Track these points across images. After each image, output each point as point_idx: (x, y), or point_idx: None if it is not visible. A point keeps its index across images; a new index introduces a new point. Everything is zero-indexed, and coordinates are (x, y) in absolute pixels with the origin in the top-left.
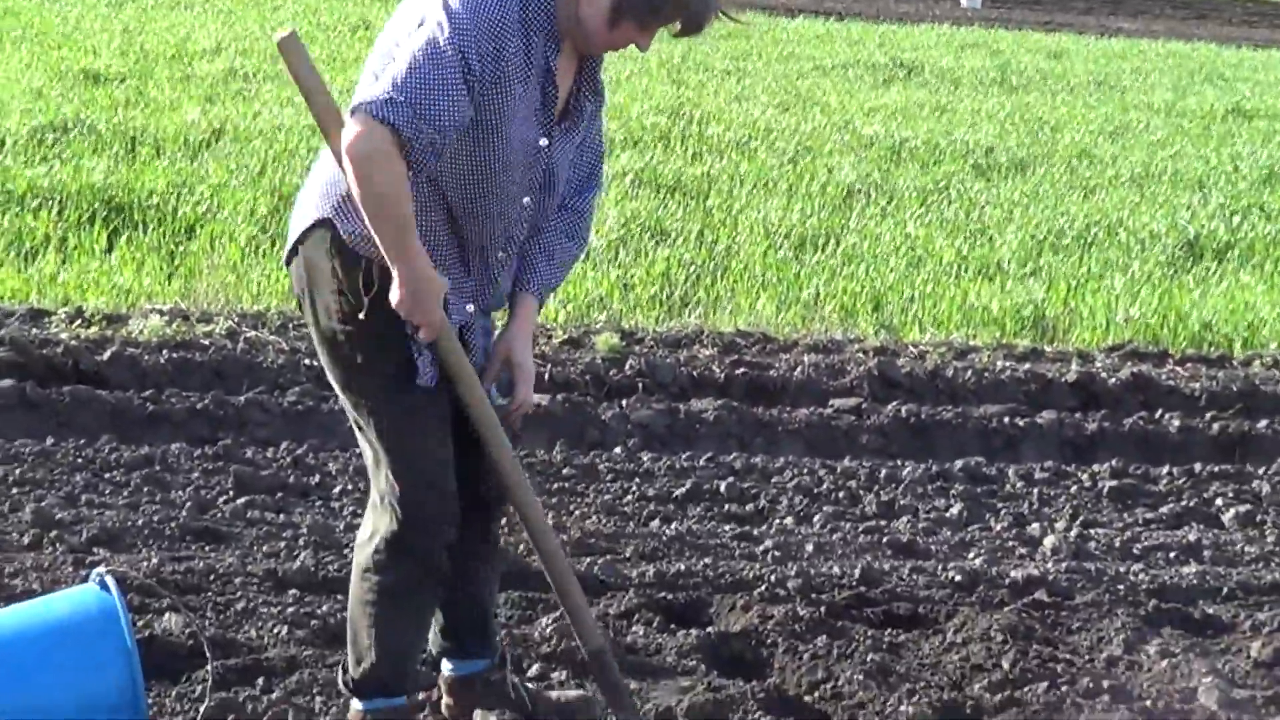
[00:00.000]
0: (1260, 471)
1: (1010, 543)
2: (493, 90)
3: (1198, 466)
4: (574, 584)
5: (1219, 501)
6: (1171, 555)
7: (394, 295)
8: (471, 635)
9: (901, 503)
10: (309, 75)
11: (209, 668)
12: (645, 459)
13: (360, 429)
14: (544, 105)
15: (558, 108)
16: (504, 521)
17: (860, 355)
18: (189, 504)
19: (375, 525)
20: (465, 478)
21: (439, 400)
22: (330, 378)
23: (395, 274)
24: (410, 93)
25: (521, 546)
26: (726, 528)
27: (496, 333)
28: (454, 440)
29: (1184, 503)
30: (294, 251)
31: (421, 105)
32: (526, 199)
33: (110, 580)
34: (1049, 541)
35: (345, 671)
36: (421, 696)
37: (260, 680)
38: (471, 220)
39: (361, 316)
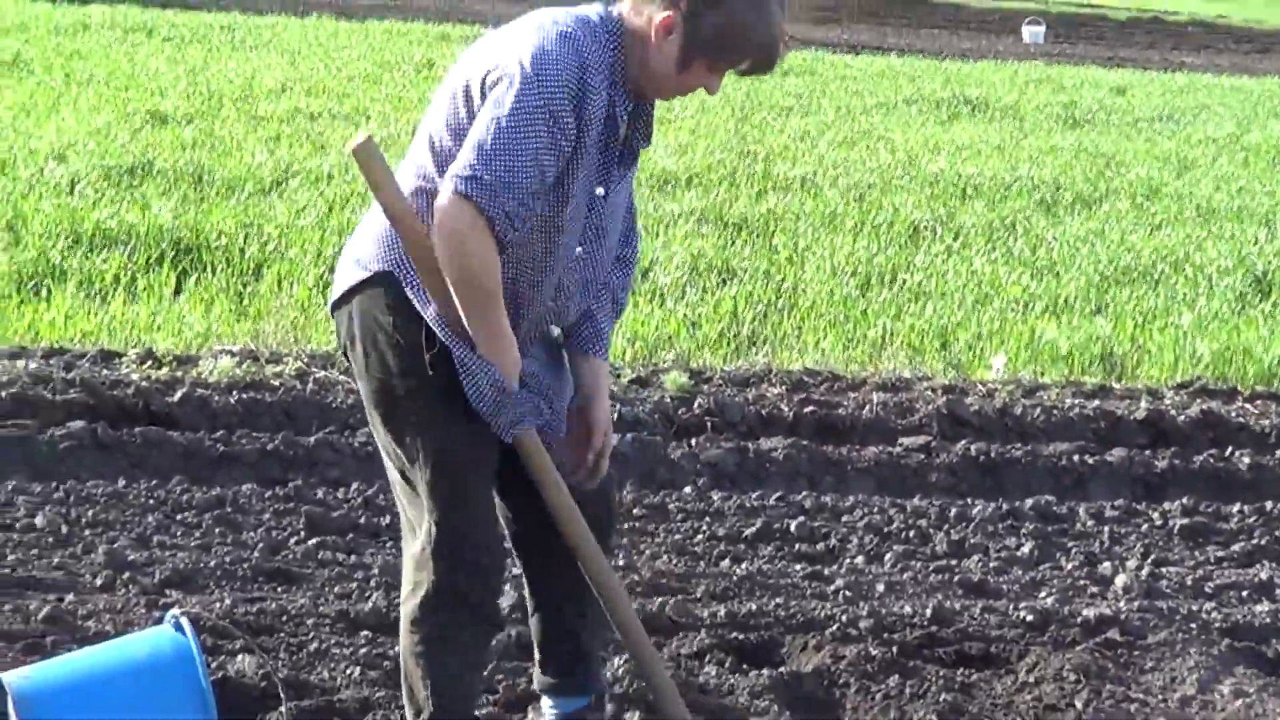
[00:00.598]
0: None
1: (1082, 581)
2: (583, 149)
3: (1269, 504)
4: (654, 659)
5: None
6: (1244, 594)
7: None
8: (567, 673)
9: (972, 541)
10: (386, 181)
11: (283, 709)
12: (715, 498)
13: (405, 481)
14: (604, 155)
15: (616, 155)
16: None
17: (929, 393)
18: (260, 545)
19: (417, 578)
20: (546, 520)
21: (489, 453)
22: (378, 429)
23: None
24: (495, 167)
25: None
26: (797, 567)
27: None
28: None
29: (1256, 540)
30: (343, 301)
31: (507, 179)
32: (580, 249)
33: (185, 622)
34: (1120, 580)
35: None
36: None
37: None
38: (528, 269)
39: (420, 374)
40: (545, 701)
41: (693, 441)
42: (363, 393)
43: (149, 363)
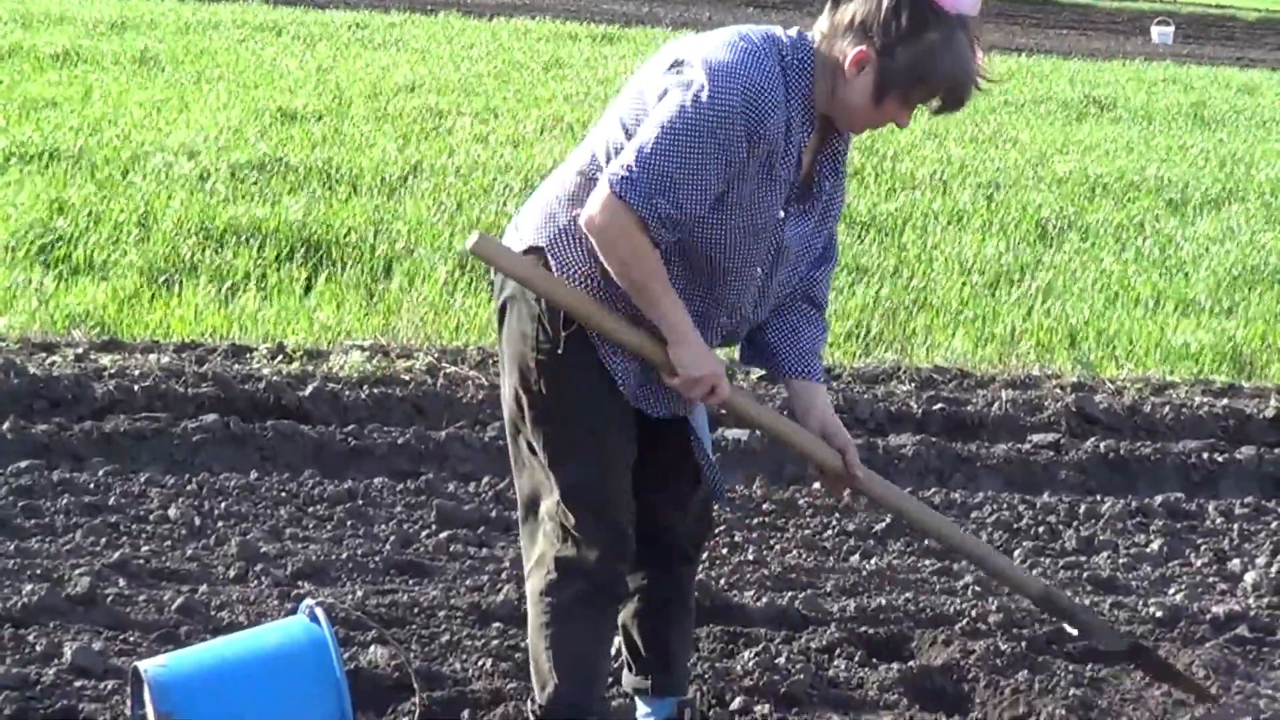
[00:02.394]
0: None
1: (1211, 578)
2: (752, 167)
3: None
4: (988, 551)
5: None
6: None
7: (669, 378)
8: (659, 672)
9: (1101, 538)
10: (514, 263)
11: (417, 700)
12: (844, 494)
13: (534, 451)
14: (783, 183)
15: (798, 184)
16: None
17: (1058, 391)
18: (392, 538)
19: (543, 549)
20: (660, 521)
21: (626, 432)
22: (507, 396)
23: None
24: (652, 170)
25: (722, 580)
26: (926, 562)
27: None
28: (656, 482)
29: None
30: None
31: (662, 183)
32: (759, 269)
33: (320, 612)
34: (1250, 577)
35: (533, 702)
36: None
37: (466, 713)
38: (707, 286)
39: (560, 348)
40: (638, 705)
41: None
42: (502, 359)
43: (280, 357)
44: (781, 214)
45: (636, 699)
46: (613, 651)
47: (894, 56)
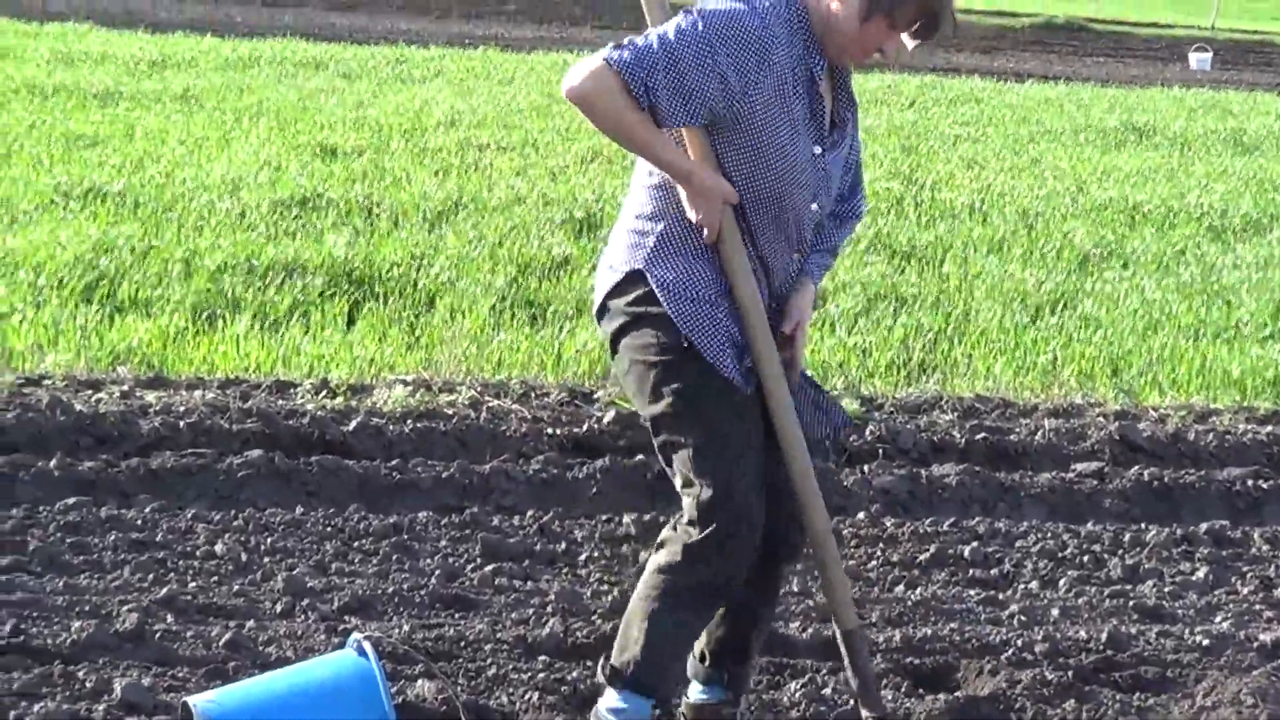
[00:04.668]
0: None
1: (1258, 606)
2: (773, 104)
3: None
4: (835, 560)
5: None
6: None
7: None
8: (728, 662)
9: (1146, 566)
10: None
11: None
12: (888, 524)
13: (671, 458)
14: (812, 115)
15: (826, 118)
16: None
17: (1101, 419)
18: (437, 571)
19: (681, 532)
20: (770, 520)
21: (753, 428)
22: (645, 412)
23: (682, 178)
24: (645, 47)
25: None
26: (971, 592)
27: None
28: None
29: None
30: (604, 309)
31: (651, 60)
32: (814, 205)
33: (367, 646)
34: None
35: (606, 659)
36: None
37: None
38: (770, 231)
39: (676, 356)
40: (695, 687)
41: (865, 468)
42: (630, 386)
43: (324, 392)
44: (819, 149)
45: (694, 682)
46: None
47: None
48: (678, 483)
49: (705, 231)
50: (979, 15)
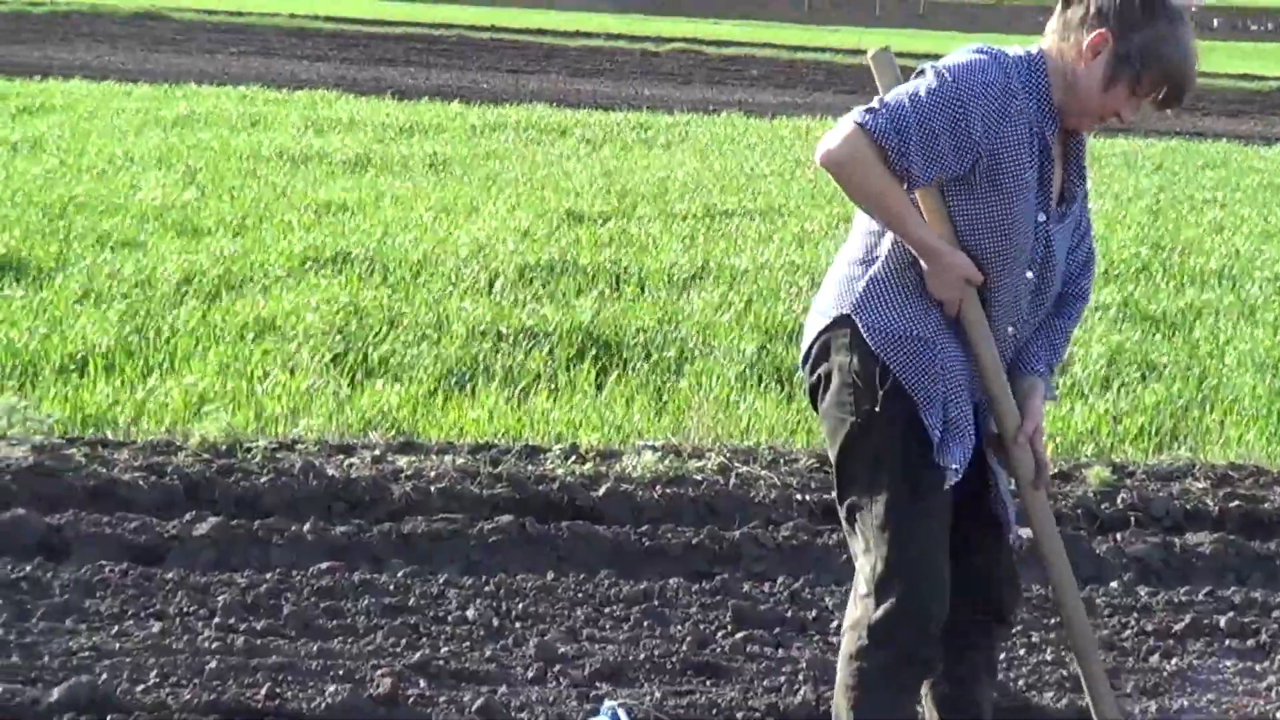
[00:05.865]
0: None
1: None
2: (1006, 159)
3: None
4: (1094, 650)
5: None
6: None
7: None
8: None
9: None
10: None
11: None
12: (1142, 593)
13: (855, 518)
14: (1040, 181)
15: (1054, 188)
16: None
17: None
18: (688, 638)
19: (860, 614)
20: (974, 584)
21: (942, 496)
22: (834, 468)
23: (928, 257)
24: (895, 112)
25: (1021, 681)
26: (1228, 663)
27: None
28: (968, 543)
29: None
30: (808, 353)
31: (903, 123)
32: (1030, 274)
33: (622, 713)
34: None
35: None
36: None
37: None
38: (981, 293)
39: (876, 409)
40: None
41: (1117, 536)
42: (827, 435)
43: (573, 458)
44: (1043, 217)
45: None
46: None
47: (1129, 39)
48: (858, 546)
49: (945, 307)
50: (1226, 79)
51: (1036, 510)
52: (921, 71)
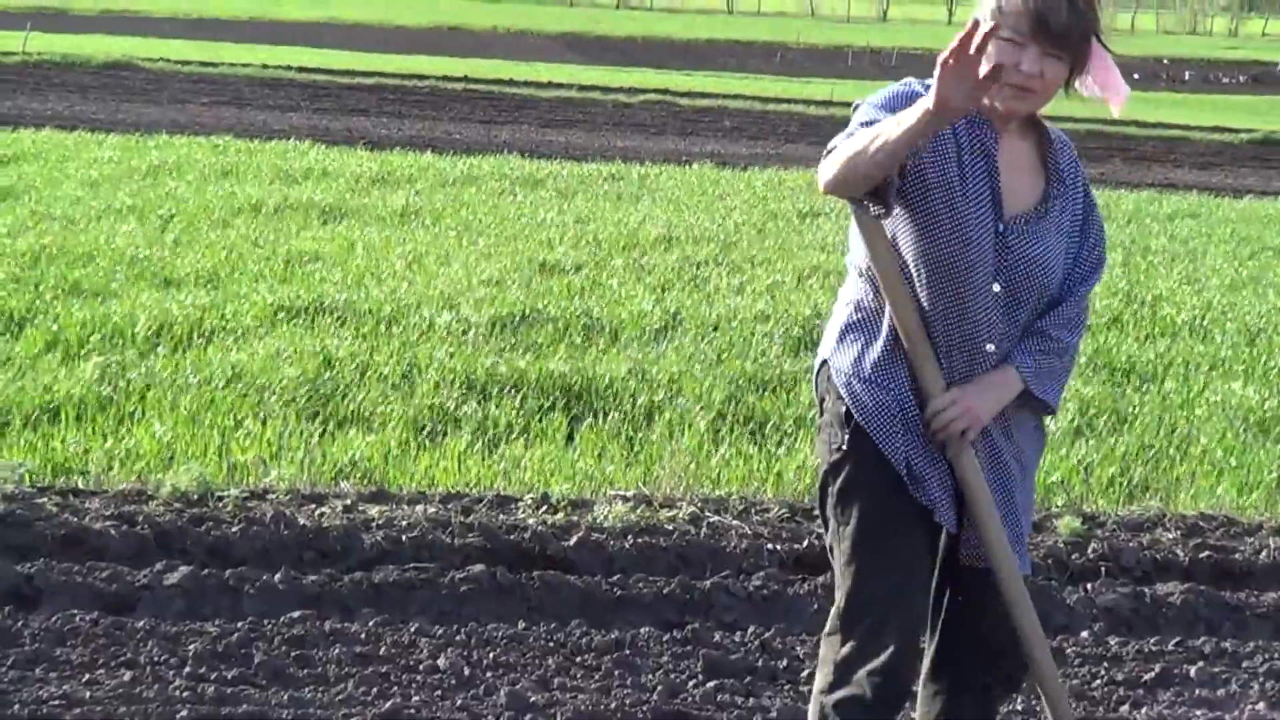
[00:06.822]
0: None
1: None
2: (930, 169)
3: None
4: (1064, 700)
5: None
6: None
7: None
8: None
9: None
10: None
11: None
12: (1112, 643)
13: (830, 553)
14: (990, 189)
15: (1017, 197)
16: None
17: None
18: (659, 688)
19: (826, 649)
20: (965, 626)
21: (915, 536)
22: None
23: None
24: (844, 132)
25: None
26: (1198, 713)
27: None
28: (960, 601)
29: None
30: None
31: (851, 133)
32: (997, 287)
33: None
34: None
35: None
36: None
37: None
38: (945, 311)
39: (844, 447)
40: None
41: (1088, 586)
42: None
43: (544, 507)
44: (1001, 226)
45: None
46: None
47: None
48: (836, 579)
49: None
50: (1198, 131)
51: (996, 550)
52: (857, 105)
